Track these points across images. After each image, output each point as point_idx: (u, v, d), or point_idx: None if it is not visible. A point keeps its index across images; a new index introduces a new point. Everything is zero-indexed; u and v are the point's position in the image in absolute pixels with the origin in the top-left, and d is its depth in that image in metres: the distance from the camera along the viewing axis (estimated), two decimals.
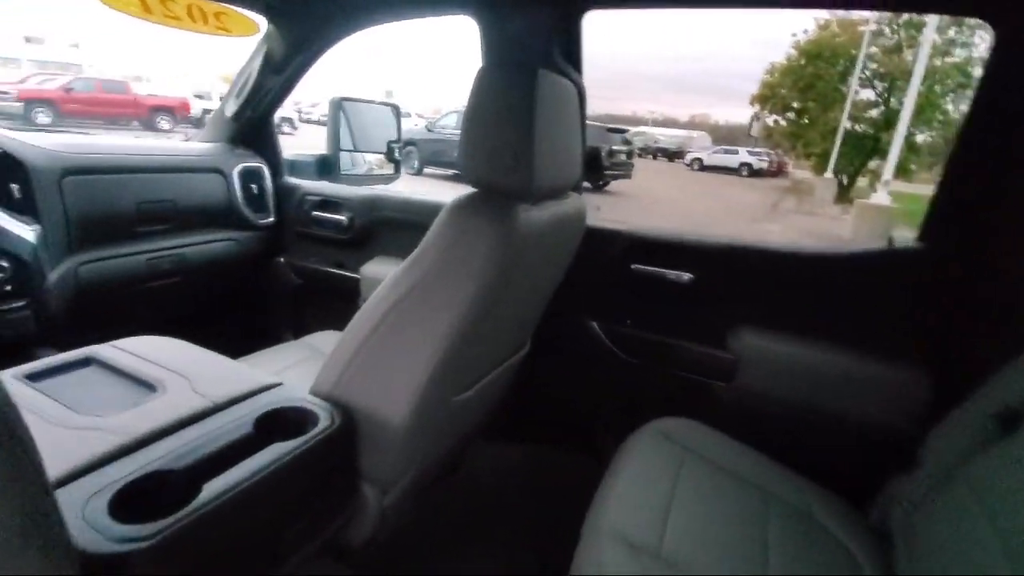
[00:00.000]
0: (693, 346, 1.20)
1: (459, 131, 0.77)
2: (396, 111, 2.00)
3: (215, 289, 1.67)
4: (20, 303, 1.10)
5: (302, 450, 0.69)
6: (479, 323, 0.78)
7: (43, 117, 12.60)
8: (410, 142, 10.53)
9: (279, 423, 0.74)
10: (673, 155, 23.78)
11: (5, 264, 1.05)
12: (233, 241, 1.60)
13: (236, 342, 1.95)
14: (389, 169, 2.03)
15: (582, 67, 1.17)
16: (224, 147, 1.62)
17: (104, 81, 15.18)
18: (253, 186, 1.63)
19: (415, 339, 0.76)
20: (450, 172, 10.06)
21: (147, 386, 0.77)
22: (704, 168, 20.08)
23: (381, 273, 1.52)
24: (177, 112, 15.37)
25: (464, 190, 0.79)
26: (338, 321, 1.71)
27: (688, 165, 21.00)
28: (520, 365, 1.14)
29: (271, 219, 1.69)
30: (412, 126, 12.27)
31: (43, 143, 1.19)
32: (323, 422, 0.74)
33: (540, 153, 0.73)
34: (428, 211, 1.48)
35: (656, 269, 1.20)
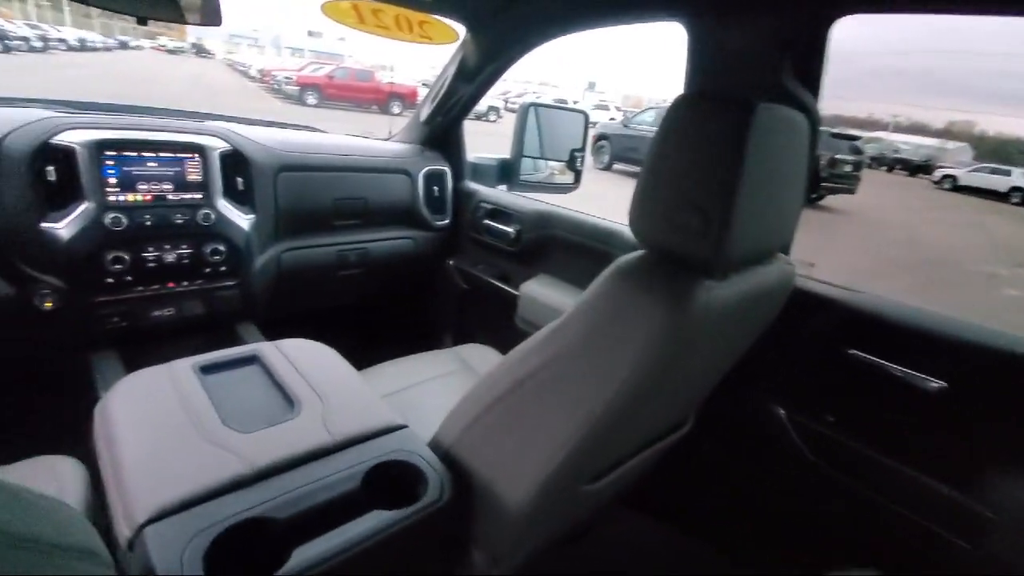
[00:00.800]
0: (930, 481, 0.86)
1: (655, 128, 0.60)
2: (585, 119, 1.89)
3: (391, 283, 1.77)
4: (232, 283, 1.26)
5: (406, 524, 0.63)
6: (628, 409, 0.63)
7: (311, 99, 15.46)
8: (603, 136, 10.37)
9: (390, 477, 0.69)
10: (917, 168, 19.48)
11: (223, 248, 1.21)
12: (411, 240, 1.67)
13: (400, 336, 2.08)
14: (570, 177, 1.94)
15: (820, 90, 0.89)
16: (415, 149, 1.68)
17: (357, 70, 17.96)
18: (435, 188, 1.68)
19: (549, 416, 0.65)
20: (638, 169, 9.67)
21: (288, 402, 0.79)
22: (957, 188, 16.04)
23: (540, 294, 1.44)
24: (407, 99, 17.52)
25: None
26: (493, 335, 1.70)
27: (936, 183, 17.02)
28: (676, 444, 0.95)
29: (447, 221, 1.73)
30: (609, 119, 12.08)
31: (265, 140, 1.34)
32: (433, 491, 0.68)
33: (742, 216, 0.55)
34: (600, 236, 1.34)
35: (887, 364, 0.89)
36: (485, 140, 1.78)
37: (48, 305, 1.04)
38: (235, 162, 1.24)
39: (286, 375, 0.85)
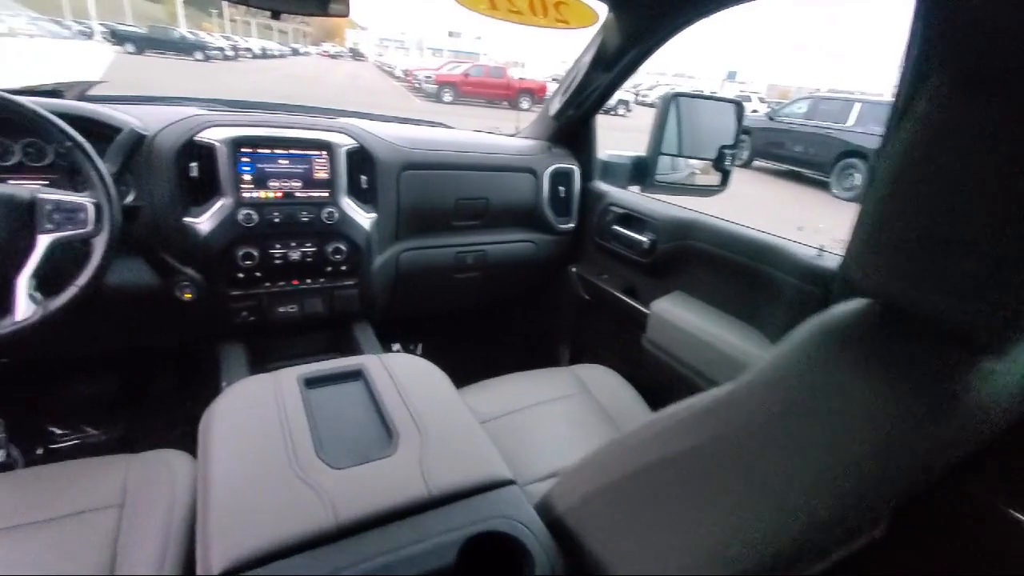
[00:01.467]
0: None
1: (808, 122, 0.40)
2: (738, 110, 1.62)
3: (507, 289, 1.68)
4: (351, 282, 1.25)
5: None
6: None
7: (447, 96, 16.22)
8: (744, 130, 9.47)
9: (488, 547, 0.57)
10: None
11: (344, 248, 1.19)
12: (532, 243, 1.55)
13: (513, 343, 1.99)
14: (715, 178, 1.69)
15: None
16: (542, 146, 1.56)
17: (490, 67, 18.50)
18: (561, 188, 1.54)
19: (713, 508, 0.48)
20: (783, 167, 8.71)
21: (387, 432, 0.71)
22: None
23: (675, 315, 1.23)
24: (536, 94, 17.66)
25: (790, 189, 0.43)
26: (614, 354, 1.53)
27: None
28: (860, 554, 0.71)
29: (571, 225, 1.58)
30: (751, 112, 11.03)
31: (391, 137, 1.30)
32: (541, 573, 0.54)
33: None
34: (754, 251, 1.11)
35: None
36: (611, 135, 1.61)
37: (187, 296, 1.09)
38: (361, 159, 1.21)
39: (387, 397, 0.78)
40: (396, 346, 1.74)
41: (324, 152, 1.16)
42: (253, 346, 1.19)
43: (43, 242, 0.79)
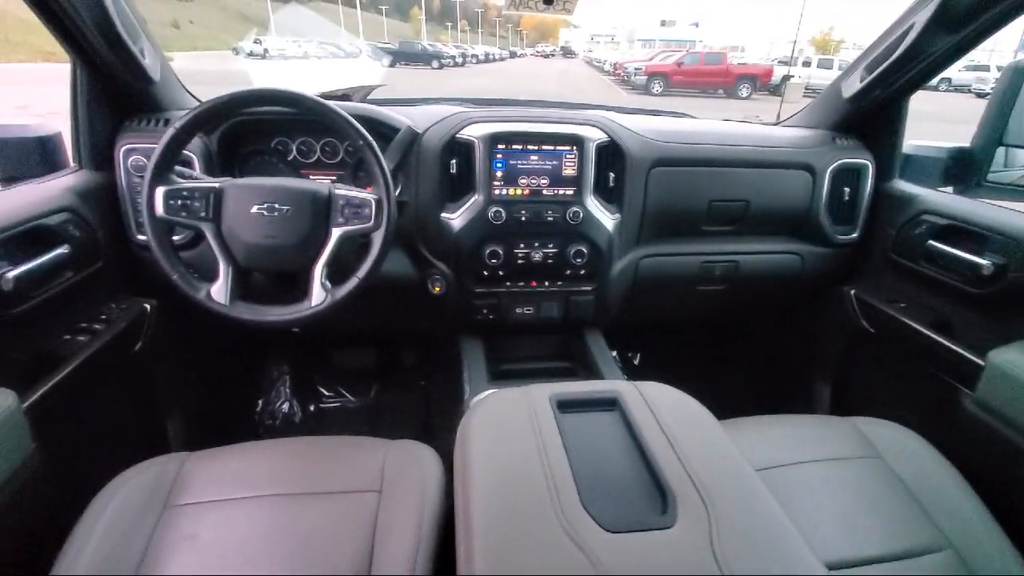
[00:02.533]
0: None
1: None
2: None
3: (758, 307, 1.43)
4: (589, 287, 1.16)
5: None
6: None
7: (657, 87, 15.61)
8: None
9: None
10: None
11: (585, 250, 1.11)
12: (797, 256, 1.28)
13: (752, 371, 1.71)
14: None
15: None
16: (822, 136, 1.26)
17: (706, 54, 17.24)
18: (845, 189, 1.23)
19: None
20: None
21: (661, 497, 0.58)
22: None
23: None
24: (760, 79, 15.88)
25: None
26: (910, 409, 1.16)
27: None
28: None
29: (854, 236, 1.26)
30: None
31: (641, 129, 1.17)
32: None
33: None
34: None
35: None
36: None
37: (437, 290, 1.12)
38: (610, 155, 1.11)
39: (651, 439, 0.65)
40: (612, 353, 1.64)
41: (574, 147, 1.09)
42: (489, 343, 1.19)
43: (335, 234, 0.86)
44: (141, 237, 1.03)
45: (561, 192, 1.10)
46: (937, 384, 1.05)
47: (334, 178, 1.13)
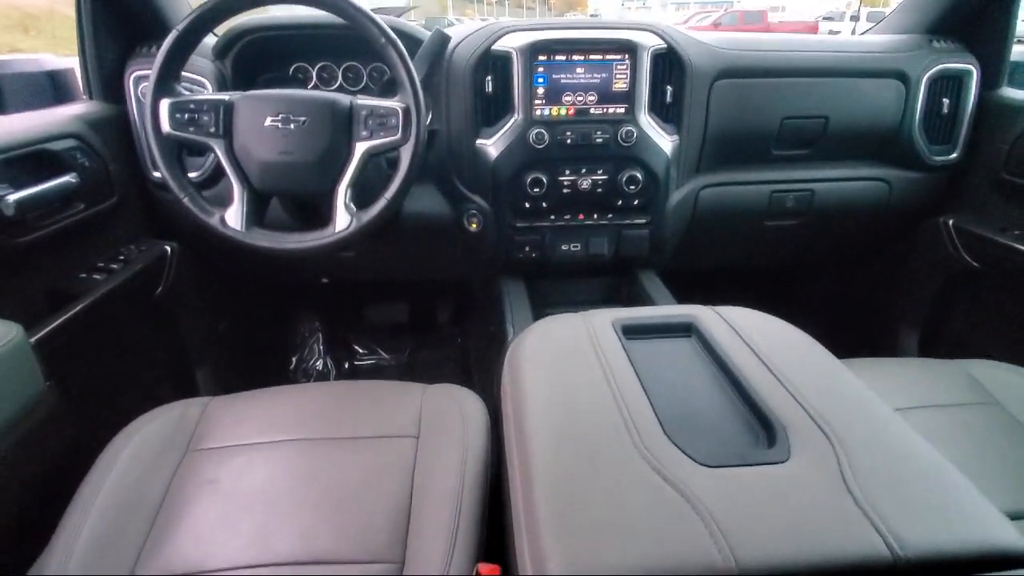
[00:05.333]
0: None
1: None
2: None
3: (836, 244, 1.26)
4: (643, 220, 1.04)
5: None
6: None
7: None
8: None
9: None
10: None
11: (640, 177, 0.98)
12: (885, 183, 1.11)
13: (826, 317, 1.54)
14: None
15: None
16: (917, 40, 1.08)
17: (745, 13, 16.33)
18: (944, 101, 1.05)
19: None
20: None
21: (763, 424, 0.46)
22: None
23: None
24: None
25: None
26: (1020, 350, 1.01)
27: None
28: None
29: (954, 156, 1.08)
30: None
31: (706, 38, 1.02)
32: None
33: None
34: None
35: None
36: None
37: (474, 227, 1.02)
38: (668, 65, 0.97)
39: (745, 367, 0.53)
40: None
41: (626, 56, 0.95)
42: (531, 285, 1.08)
43: (359, 150, 0.76)
44: (157, 174, 0.95)
45: (611, 110, 0.96)
46: None
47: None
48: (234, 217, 0.75)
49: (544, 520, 0.38)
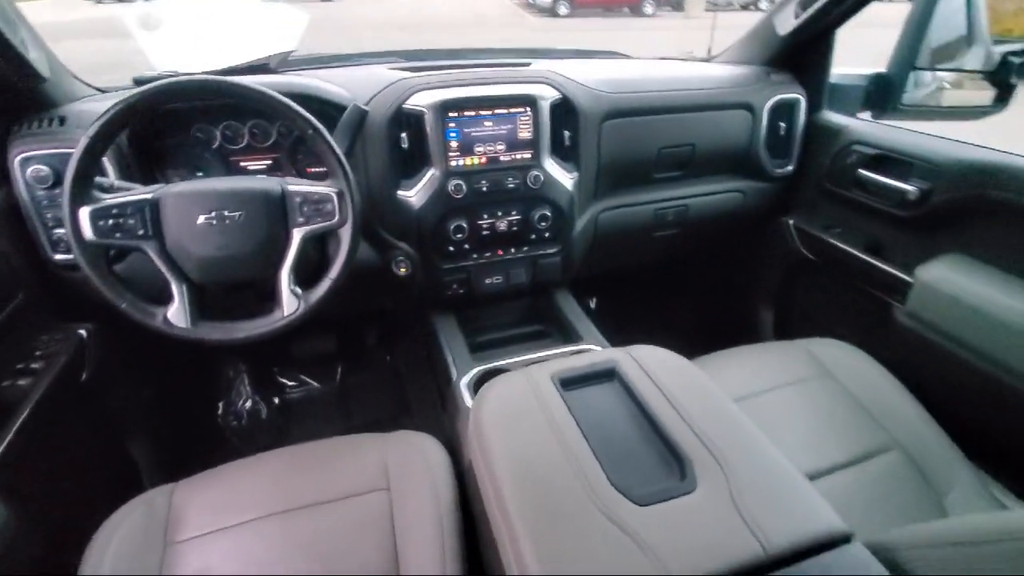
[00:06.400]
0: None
1: None
2: None
3: (707, 245, 1.50)
4: (554, 250, 1.16)
5: None
6: None
7: (563, 9, 15.07)
8: None
9: None
10: None
11: (549, 213, 1.10)
12: (740, 193, 1.34)
13: (699, 304, 1.82)
14: (983, 94, 1.31)
15: None
16: (757, 73, 1.29)
17: None
18: (781, 124, 1.28)
19: None
20: None
21: (677, 463, 0.62)
22: None
23: (960, 287, 0.99)
24: None
25: None
26: (848, 326, 1.30)
27: None
28: None
29: (790, 168, 1.33)
30: None
31: (588, 80, 1.14)
32: None
33: None
34: None
35: None
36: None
37: (403, 271, 1.08)
38: (563, 112, 1.08)
39: (656, 407, 0.69)
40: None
41: (527, 108, 1.04)
42: (459, 315, 1.18)
43: (297, 236, 0.79)
44: (60, 257, 0.90)
45: (519, 156, 1.06)
46: (872, 301, 1.17)
47: (270, 161, 1.02)
48: (178, 315, 0.75)
49: (532, 565, 0.51)
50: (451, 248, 1.07)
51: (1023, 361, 0.89)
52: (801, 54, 1.27)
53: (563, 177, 1.10)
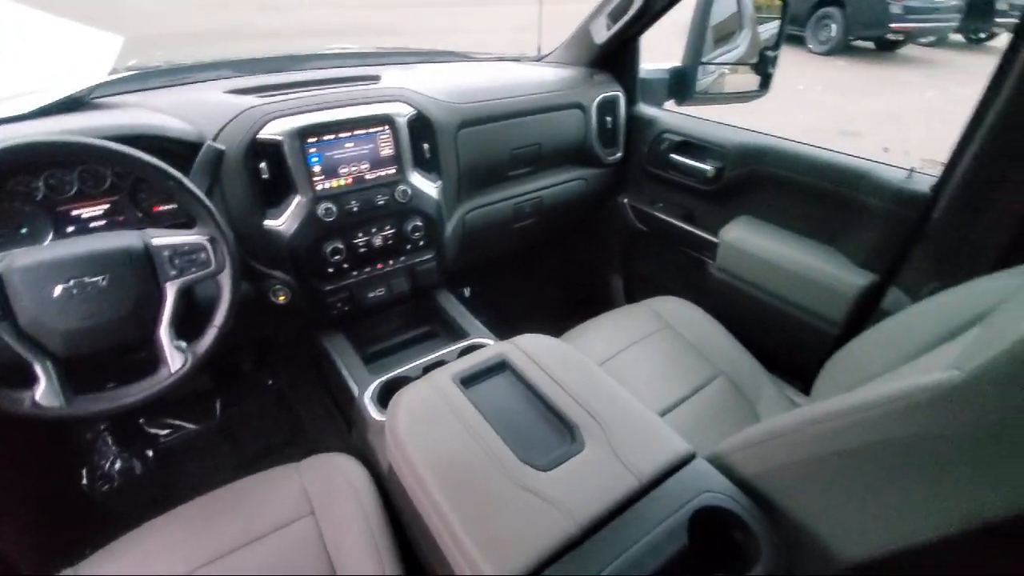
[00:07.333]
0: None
1: None
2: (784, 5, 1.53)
3: (561, 228, 1.67)
4: (430, 255, 1.24)
5: None
6: None
7: None
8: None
9: (703, 522, 0.65)
10: None
11: (420, 223, 1.17)
12: (582, 180, 1.53)
13: (563, 280, 2.02)
14: (752, 80, 1.63)
15: None
16: (583, 74, 1.47)
17: None
18: (607, 119, 1.48)
19: (913, 497, 0.55)
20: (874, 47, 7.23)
21: (566, 427, 0.76)
22: None
23: (750, 242, 1.27)
24: None
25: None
26: (677, 283, 1.58)
27: None
28: None
29: (619, 155, 1.55)
30: None
31: (440, 93, 1.21)
32: (767, 554, 0.63)
33: None
34: (841, 177, 1.12)
35: None
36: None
37: (282, 299, 1.07)
38: (420, 126, 1.14)
39: (544, 385, 0.82)
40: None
41: (386, 127, 1.09)
42: (349, 330, 1.21)
43: (171, 290, 0.77)
44: None
45: (384, 173, 1.11)
46: (693, 261, 1.44)
47: (107, 207, 0.94)
48: (48, 395, 0.70)
49: (468, 542, 0.61)
50: (330, 269, 1.09)
51: (793, 291, 1.20)
52: (615, 57, 1.47)
53: (428, 187, 1.17)
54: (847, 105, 5.38)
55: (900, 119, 5.01)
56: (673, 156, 1.42)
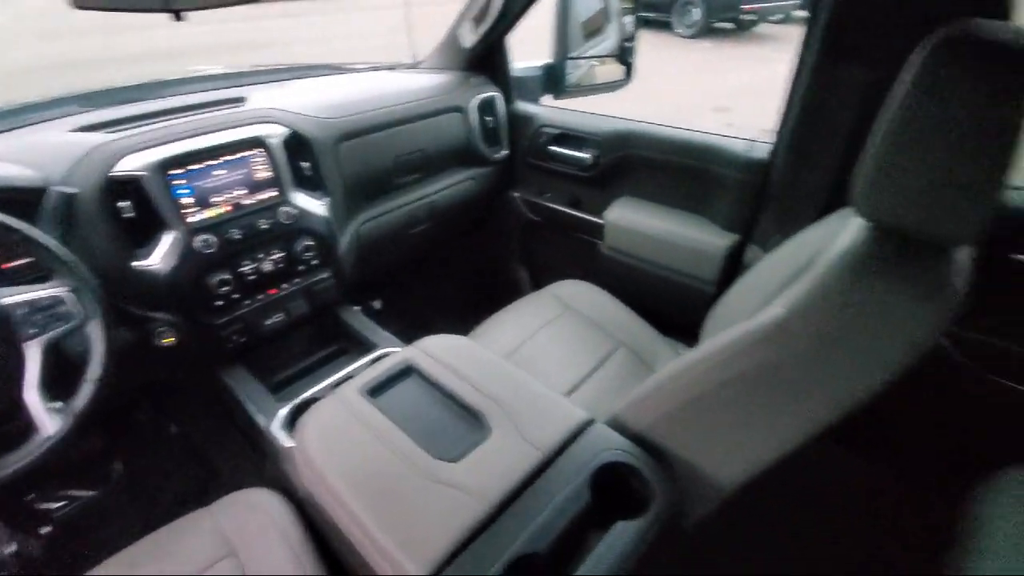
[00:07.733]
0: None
1: None
2: None
3: (457, 228, 1.71)
4: (326, 274, 1.22)
5: (650, 531, 0.66)
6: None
7: None
8: None
9: (604, 479, 0.72)
10: None
11: (312, 243, 1.15)
12: (472, 180, 1.57)
13: (471, 278, 2.05)
14: (618, 71, 1.76)
15: None
16: (459, 77, 1.51)
17: None
18: (488, 119, 1.53)
19: (772, 417, 0.64)
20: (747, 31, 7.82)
21: (474, 417, 0.80)
22: None
23: (632, 220, 1.38)
24: None
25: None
26: (576, 266, 1.66)
27: None
28: None
29: (504, 152, 1.61)
30: None
31: (314, 110, 1.20)
32: (661, 488, 0.70)
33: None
34: (697, 153, 1.25)
35: None
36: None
37: (168, 340, 1.02)
38: (297, 145, 1.13)
39: (450, 382, 0.85)
40: (356, 308, 1.75)
41: (259, 149, 1.06)
42: (250, 361, 1.17)
43: (33, 349, 0.71)
44: None
45: (265, 196, 1.08)
46: (585, 244, 1.53)
47: None
48: None
49: (386, 542, 0.63)
50: (219, 302, 1.05)
51: (673, 259, 1.31)
52: (487, 59, 1.52)
53: (314, 206, 1.16)
54: (716, 83, 5.87)
55: (761, 92, 5.55)
56: (552, 148, 1.50)
